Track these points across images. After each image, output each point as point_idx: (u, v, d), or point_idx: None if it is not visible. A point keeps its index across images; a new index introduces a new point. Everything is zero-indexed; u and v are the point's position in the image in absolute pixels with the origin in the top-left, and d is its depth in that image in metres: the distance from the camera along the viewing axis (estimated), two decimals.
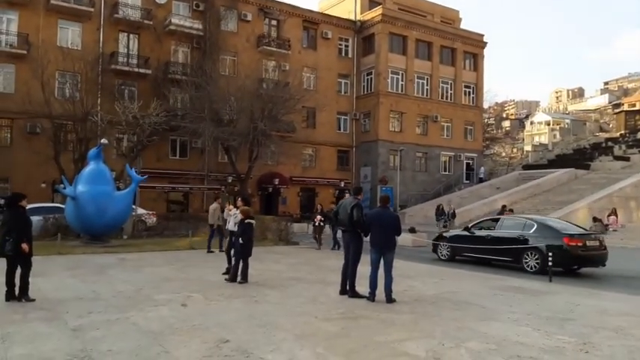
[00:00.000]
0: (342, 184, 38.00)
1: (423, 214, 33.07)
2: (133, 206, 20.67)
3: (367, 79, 40.01)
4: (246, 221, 9.49)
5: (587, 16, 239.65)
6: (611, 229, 25.13)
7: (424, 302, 7.73)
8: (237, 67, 34.20)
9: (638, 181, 30.33)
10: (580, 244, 11.61)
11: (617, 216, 26.34)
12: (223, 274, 9.92)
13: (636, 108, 74.40)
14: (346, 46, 40.53)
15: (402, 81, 39.89)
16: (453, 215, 29.38)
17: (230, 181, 32.01)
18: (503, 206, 29.42)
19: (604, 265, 11.89)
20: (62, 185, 16.74)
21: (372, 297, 7.69)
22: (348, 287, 8.07)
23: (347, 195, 13.33)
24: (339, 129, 40.06)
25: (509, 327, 6.23)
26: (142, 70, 31.06)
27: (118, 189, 18.38)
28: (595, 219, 25.71)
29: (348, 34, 40.42)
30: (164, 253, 14.56)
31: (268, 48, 35.97)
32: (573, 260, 11.74)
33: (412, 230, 20.78)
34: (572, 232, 12.09)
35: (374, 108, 38.77)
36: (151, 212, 23.63)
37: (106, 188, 16.09)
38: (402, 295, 8.10)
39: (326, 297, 8.07)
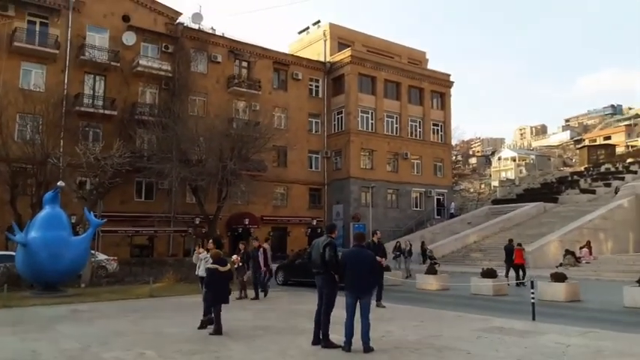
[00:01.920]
0: (315, 222, 37.36)
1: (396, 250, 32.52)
2: (93, 252, 19.56)
3: (338, 118, 40.13)
4: (212, 266, 8.79)
5: (550, 58, 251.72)
6: (583, 262, 25.08)
7: (405, 350, 7.06)
8: (207, 108, 33.86)
9: (605, 213, 30.67)
10: None
11: (590, 248, 26.37)
12: (199, 328, 8.95)
13: (597, 143, 77.26)
14: (316, 86, 40.77)
15: (372, 120, 40.15)
16: (410, 252, 29.23)
17: (198, 222, 30.95)
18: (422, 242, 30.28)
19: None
20: (13, 232, 15.59)
21: (347, 346, 6.97)
22: (321, 336, 7.34)
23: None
24: (311, 167, 39.75)
25: None
26: (107, 112, 30.22)
27: (77, 234, 17.28)
28: (567, 251, 25.68)
29: (318, 75, 40.75)
30: (122, 302, 13.49)
31: (238, 89, 35.81)
32: None
33: (387, 268, 20.09)
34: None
35: (345, 146, 38.74)
36: (112, 258, 22.43)
37: (61, 233, 15.00)
38: (380, 343, 7.42)
39: (297, 349, 7.30)
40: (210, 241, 9.44)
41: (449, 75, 45.59)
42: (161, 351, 7.23)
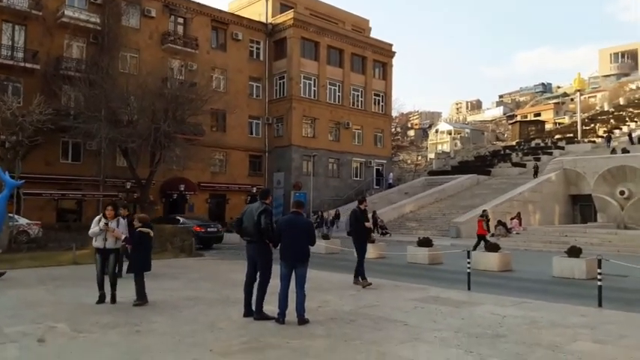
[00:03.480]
0: (255, 190, 36.64)
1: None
2: (11, 215, 18.07)
3: (280, 83, 39.10)
4: (138, 230, 8.06)
5: (486, 37, 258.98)
6: (514, 232, 26.09)
7: (341, 321, 6.75)
8: (139, 65, 31.75)
9: (535, 186, 31.96)
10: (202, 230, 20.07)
11: (520, 219, 27.45)
12: (97, 302, 8.03)
13: (528, 119, 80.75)
14: (257, 48, 39.36)
15: (315, 87, 39.46)
16: (332, 222, 29.58)
17: (129, 187, 29.42)
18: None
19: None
20: None
21: (281, 318, 6.56)
22: (254, 307, 6.89)
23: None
24: (251, 133, 38.72)
25: (437, 350, 5.42)
26: (28, 65, 27.66)
27: None
28: (499, 222, 26.60)
29: (260, 37, 39.30)
30: (41, 269, 12.44)
31: (174, 46, 33.87)
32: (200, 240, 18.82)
33: (325, 237, 20.00)
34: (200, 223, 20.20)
35: (287, 113, 37.92)
36: (34, 222, 20.90)
37: None
38: (316, 314, 7.08)
39: (227, 321, 6.82)
40: (110, 207, 8.24)
41: (391, 45, 45.46)
42: (76, 324, 6.52)
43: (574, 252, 13.17)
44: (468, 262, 10.28)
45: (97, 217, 8.31)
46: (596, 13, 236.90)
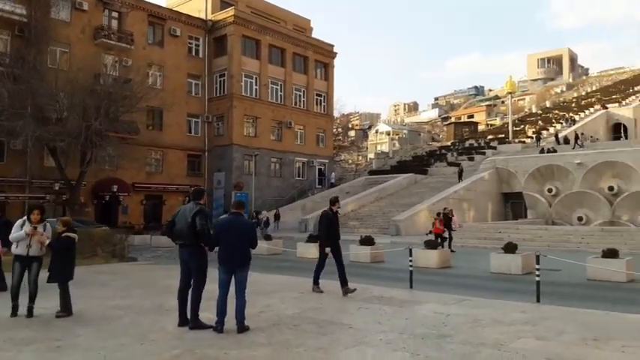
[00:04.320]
0: (192, 190, 35.53)
1: (272, 219, 32.35)
2: None
3: (220, 81, 38.21)
4: (64, 235, 7.36)
5: (422, 41, 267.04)
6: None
7: (284, 327, 6.43)
8: (70, 60, 30.03)
9: (469, 184, 32.95)
10: None
11: (453, 217, 28.14)
12: (11, 315, 7.24)
13: (462, 121, 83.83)
14: (197, 45, 38.29)
15: (256, 85, 38.90)
16: (267, 223, 29.42)
17: (57, 188, 27.66)
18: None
19: None
20: None
21: (219, 327, 6.15)
22: (189, 316, 6.44)
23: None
24: (190, 132, 37.59)
25: (384, 354, 5.24)
26: None
27: None
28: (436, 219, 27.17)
29: (199, 34, 38.24)
30: None
31: (107, 41, 32.32)
32: None
33: (268, 237, 19.59)
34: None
35: (227, 111, 37.10)
36: None
37: None
38: (258, 320, 6.72)
39: (160, 332, 6.32)
40: (36, 210, 7.48)
41: (332, 45, 45.66)
42: None
43: (510, 248, 13.56)
44: (410, 260, 10.27)
45: (20, 221, 7.52)
46: (528, 20, 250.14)
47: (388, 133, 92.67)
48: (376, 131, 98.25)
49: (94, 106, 25.74)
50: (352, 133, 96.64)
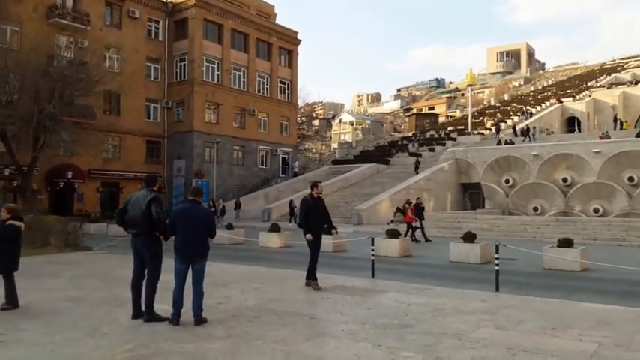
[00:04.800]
0: None
1: (241, 208, 31.94)
2: None
3: (180, 66, 37.24)
4: (7, 223, 6.93)
5: (386, 32, 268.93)
6: None
7: (243, 318, 6.25)
8: (21, 40, 28.58)
9: (429, 175, 33.40)
10: None
11: (412, 208, 28.49)
12: None
13: (423, 112, 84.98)
14: (156, 28, 37.13)
15: (218, 71, 38.11)
16: (222, 212, 29.26)
17: (8, 174, 26.38)
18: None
19: None
20: None
21: (175, 319, 5.91)
22: (143, 307, 6.17)
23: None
24: (149, 117, 36.53)
25: (346, 345, 5.15)
26: None
27: None
28: (398, 209, 27.47)
29: (159, 16, 37.08)
30: None
31: (61, 21, 30.88)
32: None
33: (229, 227, 19.29)
34: None
35: (188, 97, 36.21)
36: None
37: None
38: (216, 311, 6.52)
39: (113, 324, 6.03)
40: None
41: (297, 32, 45.20)
42: None
43: (469, 237, 13.78)
44: (372, 250, 10.26)
45: None
46: (487, 14, 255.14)
47: (352, 123, 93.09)
48: (340, 121, 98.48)
49: (48, 89, 24.61)
50: (316, 123, 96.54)
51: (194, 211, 6.08)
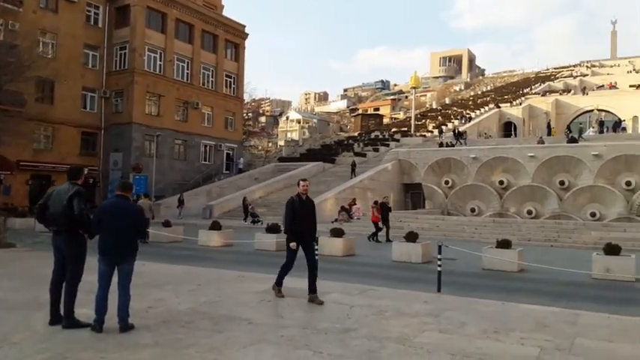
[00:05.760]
0: (87, 171, 32.86)
1: (176, 204, 30.91)
2: None
3: (120, 54, 35.56)
4: None
5: (334, 32, 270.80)
6: (355, 218, 27.20)
7: (175, 324, 5.80)
8: None
9: (373, 174, 33.73)
10: None
11: (358, 206, 28.70)
12: None
13: (369, 113, 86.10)
14: (96, 13, 35.28)
15: (161, 61, 36.71)
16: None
17: None
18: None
19: None
20: None
21: (98, 325, 5.37)
22: (63, 313, 5.59)
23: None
24: (85, 107, 34.65)
25: (284, 353, 4.84)
26: None
27: None
28: (342, 208, 27.53)
29: (99, 1, 35.30)
30: None
31: None
32: None
33: (167, 224, 18.47)
34: None
35: (128, 87, 34.62)
36: None
37: None
38: (145, 317, 6.03)
39: (27, 331, 5.41)
40: None
41: (244, 26, 44.40)
42: None
43: (411, 237, 13.85)
44: (316, 249, 9.98)
45: None
46: (433, 18, 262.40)
47: (299, 121, 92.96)
48: (287, 118, 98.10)
49: None
50: (263, 119, 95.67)
51: (121, 208, 5.56)
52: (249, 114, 74.34)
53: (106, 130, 35.11)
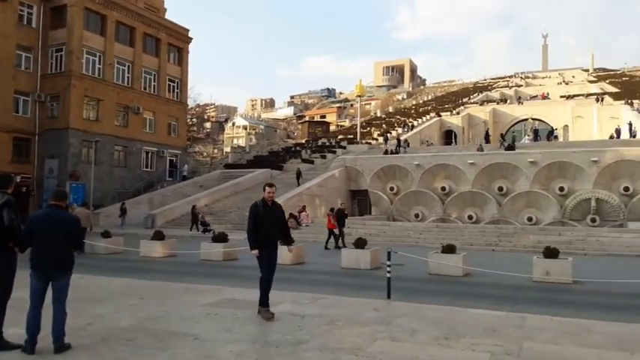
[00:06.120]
0: (19, 179, 30.95)
1: (118, 214, 29.68)
2: None
3: (57, 57, 33.90)
4: None
5: (281, 39, 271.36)
6: (304, 225, 27.12)
7: (115, 342, 5.44)
8: None
9: (321, 181, 33.85)
10: None
11: (307, 212, 28.66)
12: None
13: (315, 120, 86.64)
14: (29, 13, 33.50)
15: (100, 64, 35.28)
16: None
17: None
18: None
19: None
20: None
21: (30, 346, 4.93)
22: None
23: None
24: (18, 112, 32.77)
25: None
26: None
27: None
28: (291, 215, 27.32)
29: (32, 1, 33.51)
30: None
31: None
32: None
33: (106, 234, 17.59)
34: None
35: (64, 90, 33.02)
36: None
37: None
38: (83, 335, 5.62)
39: None
40: None
41: (188, 30, 43.55)
42: None
43: (360, 243, 13.91)
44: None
45: None
46: (377, 29, 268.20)
47: (245, 128, 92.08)
48: (233, 124, 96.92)
49: None
50: (208, 125, 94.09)
51: (55, 218, 5.15)
52: (194, 119, 72.95)
53: (40, 136, 33.25)
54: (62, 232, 5.10)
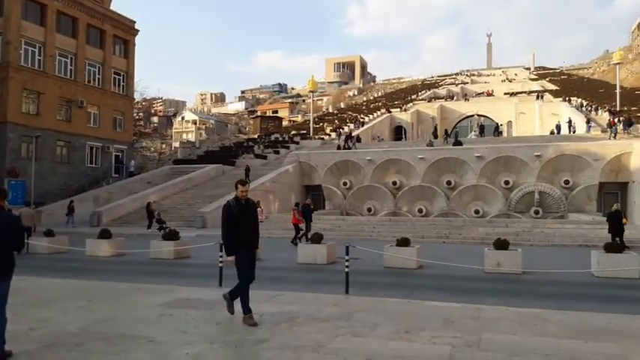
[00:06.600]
0: None
1: (65, 212, 28.34)
2: None
3: None
4: None
5: (230, 34, 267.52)
6: (259, 220, 26.79)
7: (62, 348, 5.10)
8: None
9: (275, 176, 33.63)
10: None
11: (261, 208, 28.32)
12: None
13: (268, 115, 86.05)
14: None
15: (40, 56, 33.51)
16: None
17: None
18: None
19: None
20: None
21: None
22: None
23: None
24: None
25: None
26: None
27: None
28: None
29: None
30: None
31: None
32: None
33: (49, 233, 16.70)
34: None
35: (2, 83, 31.23)
36: None
37: None
38: (27, 340, 5.25)
39: None
40: None
41: (134, 22, 42.04)
42: None
43: (316, 238, 13.87)
44: (221, 256, 9.54)
45: None
46: (328, 25, 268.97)
47: (195, 122, 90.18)
48: (182, 119, 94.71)
49: None
50: (155, 120, 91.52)
51: None
52: (141, 114, 70.76)
53: None
54: (3, 233, 4.71)
